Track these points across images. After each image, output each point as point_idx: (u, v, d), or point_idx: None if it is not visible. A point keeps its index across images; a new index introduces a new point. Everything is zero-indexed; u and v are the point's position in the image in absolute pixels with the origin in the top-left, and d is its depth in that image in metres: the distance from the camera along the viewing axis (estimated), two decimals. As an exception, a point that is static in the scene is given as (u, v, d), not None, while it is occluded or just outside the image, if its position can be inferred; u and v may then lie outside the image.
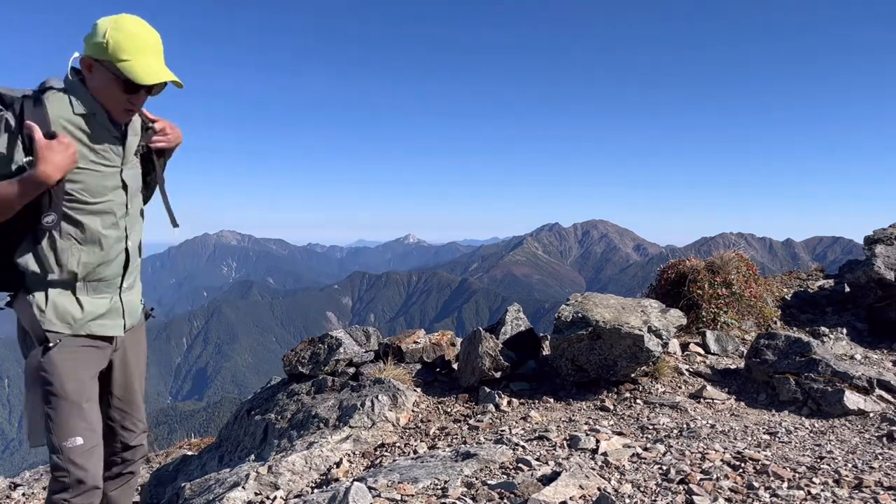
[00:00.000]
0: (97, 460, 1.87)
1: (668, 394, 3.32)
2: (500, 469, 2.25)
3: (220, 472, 3.10)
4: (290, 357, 3.87)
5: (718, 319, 4.34)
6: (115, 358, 2.03)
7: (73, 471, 1.80)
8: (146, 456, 2.27)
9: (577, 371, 3.37)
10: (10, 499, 5.88)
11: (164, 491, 3.82)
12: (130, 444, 2.11)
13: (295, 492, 2.35)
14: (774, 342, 3.58)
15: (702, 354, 3.94)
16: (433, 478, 2.19)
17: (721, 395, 3.37)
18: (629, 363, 3.29)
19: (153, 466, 6.83)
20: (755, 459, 2.26)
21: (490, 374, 3.37)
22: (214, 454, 3.91)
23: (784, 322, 4.71)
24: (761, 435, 2.72)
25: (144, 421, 2.17)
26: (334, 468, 2.50)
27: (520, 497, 1.95)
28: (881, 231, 5.12)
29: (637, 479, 2.11)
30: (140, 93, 1.86)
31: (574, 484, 2.00)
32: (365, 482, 2.17)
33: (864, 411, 3.11)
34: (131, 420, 2.10)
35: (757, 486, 2.01)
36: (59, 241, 1.82)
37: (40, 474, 6.65)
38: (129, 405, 2.10)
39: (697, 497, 1.93)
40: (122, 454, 2.11)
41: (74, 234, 1.84)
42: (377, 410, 3.04)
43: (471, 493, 2.04)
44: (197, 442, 7.94)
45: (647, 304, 3.59)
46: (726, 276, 4.50)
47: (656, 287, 4.75)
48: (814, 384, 3.28)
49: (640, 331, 3.23)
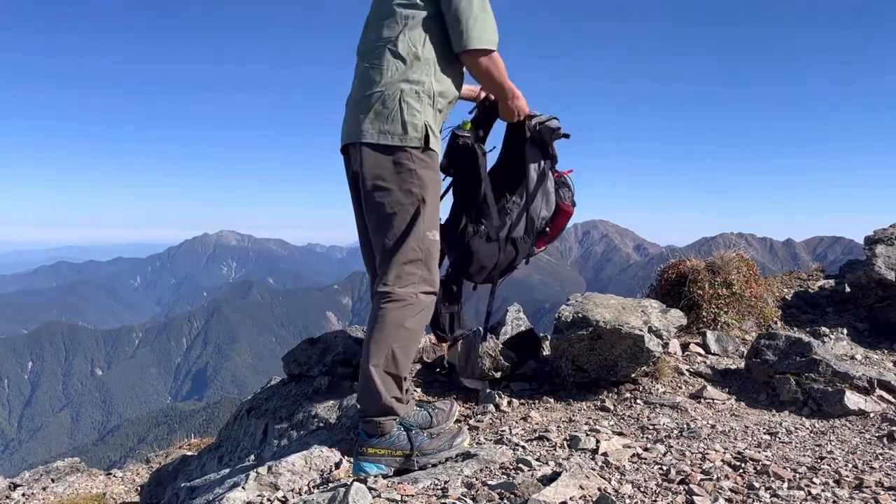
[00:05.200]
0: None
1: (668, 394, 3.32)
2: (501, 469, 2.25)
3: (220, 472, 3.10)
4: (289, 357, 3.86)
5: (719, 319, 4.34)
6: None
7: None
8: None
9: (577, 371, 3.36)
10: (9, 499, 5.88)
11: (164, 491, 3.81)
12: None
13: (295, 492, 2.35)
14: (775, 342, 3.58)
15: (702, 355, 3.94)
16: (433, 478, 2.19)
17: (721, 395, 3.37)
18: (629, 363, 3.29)
19: (153, 466, 6.83)
20: (756, 460, 2.25)
21: (490, 374, 3.36)
22: (214, 454, 3.91)
23: (784, 322, 4.71)
24: (762, 435, 2.72)
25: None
26: (334, 468, 2.49)
27: (520, 497, 1.95)
28: (882, 231, 5.12)
29: (637, 480, 2.11)
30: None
31: (574, 484, 1.99)
32: (365, 482, 2.16)
33: (864, 412, 3.11)
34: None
35: (757, 486, 2.01)
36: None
37: (40, 474, 6.65)
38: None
39: (698, 497, 1.92)
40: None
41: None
42: (377, 410, 3.04)
43: (471, 494, 2.04)
44: (197, 442, 7.94)
45: (647, 305, 3.58)
46: (727, 277, 4.50)
47: (656, 287, 4.74)
48: (814, 384, 3.28)
49: (641, 331, 3.23)
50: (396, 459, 2.35)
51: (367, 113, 2.42)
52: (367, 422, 2.38)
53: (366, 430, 2.38)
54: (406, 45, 2.43)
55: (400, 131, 2.37)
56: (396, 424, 2.39)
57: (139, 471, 6.90)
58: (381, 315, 2.35)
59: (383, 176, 2.38)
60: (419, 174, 2.38)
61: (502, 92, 2.67)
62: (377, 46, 2.49)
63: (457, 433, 2.50)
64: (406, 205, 2.37)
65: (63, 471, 6.61)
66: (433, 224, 2.43)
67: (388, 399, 2.34)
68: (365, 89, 2.46)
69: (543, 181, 3.02)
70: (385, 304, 2.35)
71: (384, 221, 2.40)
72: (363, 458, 2.36)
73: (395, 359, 2.34)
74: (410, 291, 2.37)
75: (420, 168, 2.39)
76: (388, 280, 2.37)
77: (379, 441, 2.36)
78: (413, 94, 2.40)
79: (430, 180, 2.42)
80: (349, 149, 2.52)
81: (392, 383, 2.36)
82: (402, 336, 2.35)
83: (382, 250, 2.41)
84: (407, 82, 2.40)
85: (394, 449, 2.36)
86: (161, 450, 8.43)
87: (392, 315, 2.34)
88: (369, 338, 2.36)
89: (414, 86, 2.41)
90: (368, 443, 2.37)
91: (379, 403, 2.34)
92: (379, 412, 2.35)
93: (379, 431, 2.36)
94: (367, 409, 2.38)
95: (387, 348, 2.33)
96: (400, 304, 2.35)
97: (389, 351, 2.33)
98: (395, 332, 2.34)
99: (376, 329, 2.35)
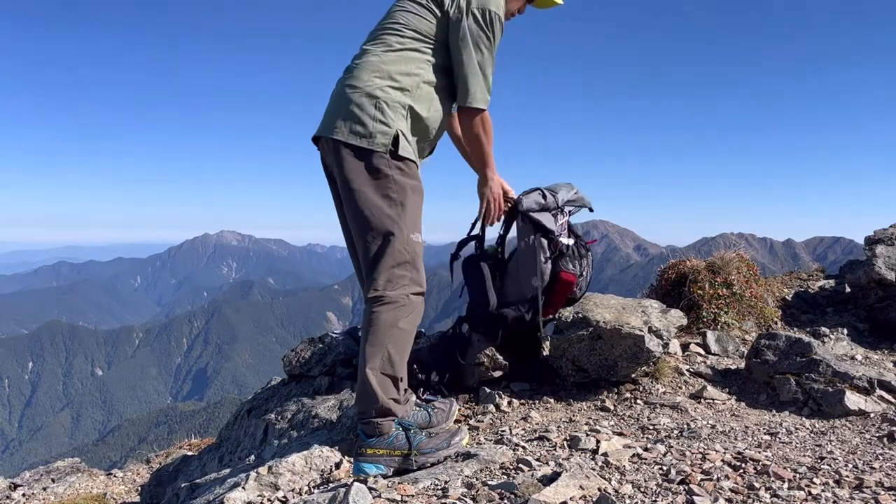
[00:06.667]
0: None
1: (668, 394, 3.32)
2: (501, 469, 2.25)
3: (220, 472, 3.10)
4: (289, 357, 3.87)
5: (719, 320, 4.34)
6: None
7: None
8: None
9: (577, 371, 3.36)
10: (10, 499, 5.88)
11: (164, 491, 3.81)
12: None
13: (295, 492, 2.35)
14: (775, 342, 3.58)
15: (702, 355, 3.94)
16: (433, 478, 2.19)
17: (721, 395, 3.37)
18: (630, 363, 3.29)
19: (153, 466, 6.84)
20: (756, 460, 2.25)
21: (490, 374, 3.36)
22: (214, 454, 3.91)
23: (784, 322, 4.71)
24: (762, 435, 2.72)
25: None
26: (334, 468, 2.49)
27: (520, 497, 1.95)
28: (882, 231, 5.11)
29: (637, 480, 2.11)
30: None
31: (574, 484, 1.99)
32: (365, 482, 2.16)
33: (864, 412, 3.11)
34: None
35: (758, 486, 2.01)
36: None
37: (40, 474, 6.66)
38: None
39: (698, 497, 1.92)
40: None
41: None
42: (377, 411, 3.04)
43: (471, 494, 2.04)
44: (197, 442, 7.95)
45: (647, 305, 3.58)
46: (727, 277, 4.50)
47: (657, 287, 4.74)
48: (814, 384, 3.28)
49: (641, 331, 3.23)
50: (395, 459, 2.37)
51: (343, 109, 2.46)
52: (365, 423, 2.41)
53: (364, 431, 2.41)
54: (402, 58, 2.50)
55: (370, 133, 2.40)
56: (395, 425, 2.41)
57: (139, 471, 6.91)
58: (374, 318, 2.39)
59: (358, 179, 2.40)
60: (396, 180, 2.41)
61: (483, 162, 2.79)
62: (376, 48, 2.54)
63: (455, 432, 2.52)
64: (385, 209, 2.40)
65: (63, 471, 6.62)
66: (416, 227, 2.46)
67: (386, 401, 2.37)
68: (348, 84, 2.50)
69: (534, 254, 3.16)
70: (377, 307, 2.39)
71: (365, 225, 2.42)
72: (362, 458, 2.38)
73: (391, 360, 2.38)
74: (402, 293, 2.40)
75: (397, 174, 2.42)
76: (378, 285, 2.40)
77: (377, 441, 2.38)
78: (392, 103, 2.44)
79: (408, 186, 2.44)
80: (321, 140, 2.56)
81: (389, 385, 2.39)
82: (396, 337, 2.38)
83: (367, 254, 2.44)
84: (390, 90, 2.45)
85: (392, 449, 2.38)
86: (161, 450, 8.44)
87: (385, 317, 2.38)
88: (365, 342, 2.39)
89: (395, 94, 2.45)
90: (367, 443, 2.39)
91: (377, 406, 2.37)
92: (377, 414, 2.38)
93: (377, 432, 2.38)
94: (365, 412, 2.41)
95: (382, 351, 2.36)
96: (392, 307, 2.39)
97: (385, 353, 2.36)
98: (389, 333, 2.37)
99: (371, 333, 2.38)
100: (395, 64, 2.48)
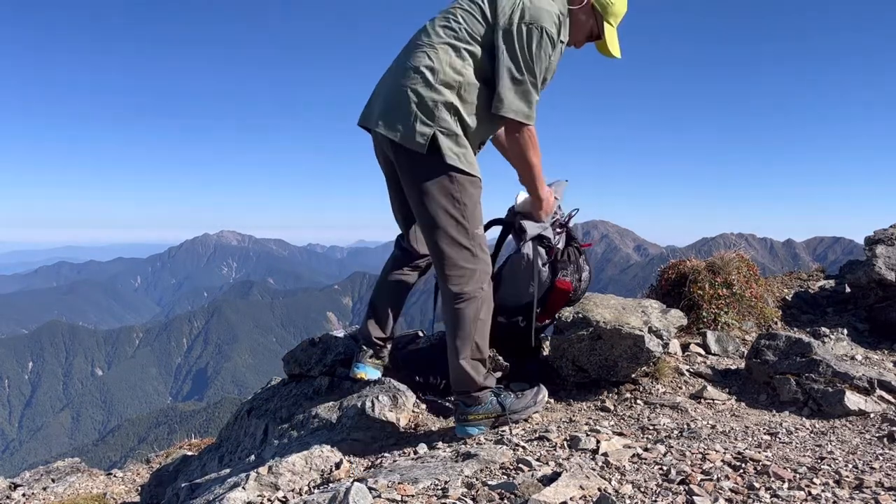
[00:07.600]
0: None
1: (668, 394, 3.32)
2: (501, 469, 2.25)
3: (220, 472, 3.10)
4: (289, 357, 3.86)
5: (719, 320, 4.34)
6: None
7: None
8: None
9: (577, 371, 3.37)
10: (10, 499, 5.88)
11: (164, 491, 3.81)
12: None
13: (295, 492, 2.35)
14: (775, 343, 3.58)
15: (702, 355, 3.94)
16: (433, 478, 2.19)
17: (722, 395, 3.37)
18: (630, 364, 3.29)
19: (153, 466, 6.84)
20: (756, 460, 2.25)
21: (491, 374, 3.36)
22: (214, 455, 3.91)
23: (785, 322, 4.71)
24: (762, 435, 2.72)
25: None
26: (334, 468, 2.50)
27: (520, 497, 1.95)
28: (882, 231, 5.11)
29: (637, 480, 2.11)
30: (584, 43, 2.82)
31: (574, 484, 1.99)
32: (365, 482, 2.16)
33: (864, 412, 3.11)
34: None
35: (758, 486, 2.01)
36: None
37: (40, 474, 6.65)
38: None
39: (698, 497, 1.92)
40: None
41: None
42: (377, 411, 3.04)
43: (471, 494, 2.04)
44: (197, 442, 7.96)
45: (647, 305, 3.58)
46: (727, 277, 4.50)
47: (657, 287, 4.74)
48: (814, 385, 3.28)
49: (641, 331, 3.23)
50: (491, 420, 2.75)
51: (404, 109, 2.53)
52: (465, 396, 2.72)
53: (464, 402, 2.73)
54: (456, 58, 2.55)
55: (431, 135, 2.49)
56: (489, 393, 2.75)
57: (139, 471, 6.91)
58: (459, 314, 2.63)
59: (422, 180, 2.55)
60: (457, 178, 2.55)
61: (532, 185, 2.93)
62: (430, 44, 2.58)
63: (538, 390, 2.93)
64: (450, 209, 2.56)
65: (63, 471, 6.61)
66: (478, 222, 2.65)
67: (481, 381, 2.71)
68: (409, 86, 2.54)
69: (531, 260, 3.17)
70: (459, 304, 2.63)
71: (431, 224, 2.59)
72: (466, 423, 2.73)
73: (479, 347, 2.67)
74: (476, 287, 2.63)
75: (457, 173, 2.54)
76: (455, 281, 2.62)
77: (475, 409, 2.73)
78: (448, 104, 2.52)
79: (467, 182, 2.58)
80: (378, 133, 2.64)
81: (480, 366, 2.71)
82: (480, 327, 2.66)
83: (437, 253, 2.63)
84: (445, 90, 2.52)
85: (489, 413, 2.74)
86: (161, 450, 8.44)
87: (468, 312, 2.63)
88: (453, 336, 2.65)
89: (449, 95, 2.53)
90: (468, 411, 2.73)
91: (475, 387, 2.70)
92: (476, 391, 2.70)
93: (476, 402, 2.72)
94: (465, 391, 2.71)
95: (471, 342, 2.64)
96: (472, 302, 2.63)
97: (473, 343, 2.64)
98: (473, 325, 2.64)
99: (458, 327, 2.64)
100: (448, 64, 2.54)
